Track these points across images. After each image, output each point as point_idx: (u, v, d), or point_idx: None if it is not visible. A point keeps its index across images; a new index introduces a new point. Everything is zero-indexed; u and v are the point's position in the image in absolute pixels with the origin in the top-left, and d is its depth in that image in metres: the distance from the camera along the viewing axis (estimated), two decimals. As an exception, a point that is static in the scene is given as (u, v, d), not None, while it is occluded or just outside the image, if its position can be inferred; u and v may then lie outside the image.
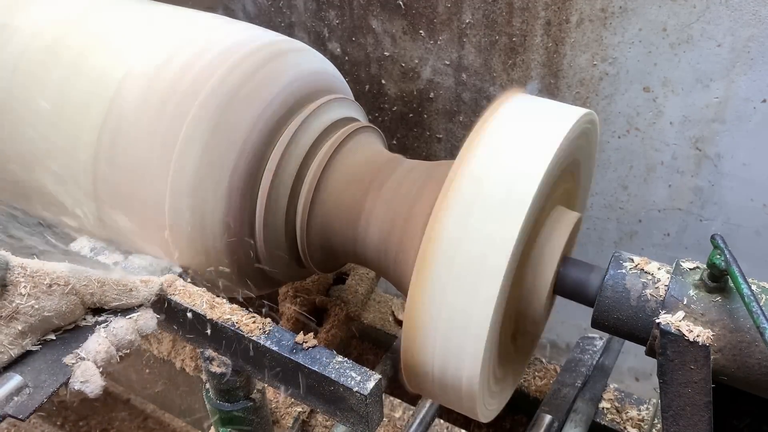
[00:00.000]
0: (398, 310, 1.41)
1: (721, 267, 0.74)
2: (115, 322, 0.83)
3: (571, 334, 2.04)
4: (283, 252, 1.01)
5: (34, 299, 0.76)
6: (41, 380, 0.76)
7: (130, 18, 1.03)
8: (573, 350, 1.27)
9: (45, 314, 0.77)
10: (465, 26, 1.56)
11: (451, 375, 0.82)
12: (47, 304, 0.77)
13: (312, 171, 0.97)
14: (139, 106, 0.91)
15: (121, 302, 0.84)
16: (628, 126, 1.56)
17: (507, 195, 0.78)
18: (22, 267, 0.76)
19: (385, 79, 1.78)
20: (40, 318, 0.77)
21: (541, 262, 0.88)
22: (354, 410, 0.84)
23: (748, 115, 1.41)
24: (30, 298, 0.75)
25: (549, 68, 1.55)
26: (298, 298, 1.30)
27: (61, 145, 0.96)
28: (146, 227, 0.93)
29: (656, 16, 1.37)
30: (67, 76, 0.97)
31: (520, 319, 0.93)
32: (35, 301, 0.76)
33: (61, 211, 1.00)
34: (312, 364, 0.84)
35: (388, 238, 0.93)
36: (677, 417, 0.79)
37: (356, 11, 1.69)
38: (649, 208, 1.68)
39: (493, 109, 0.88)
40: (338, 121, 1.02)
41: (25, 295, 0.75)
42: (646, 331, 0.81)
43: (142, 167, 0.91)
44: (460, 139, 1.75)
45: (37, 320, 0.77)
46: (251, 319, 0.88)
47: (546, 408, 1.14)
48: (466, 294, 0.78)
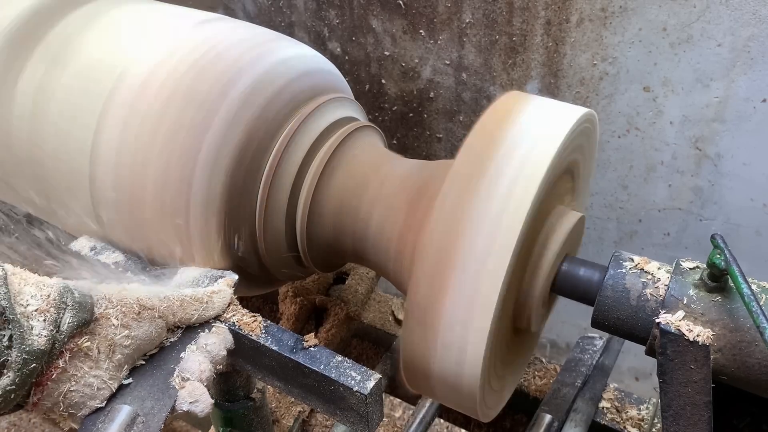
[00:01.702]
0: (398, 310, 1.41)
1: (721, 267, 0.74)
2: (204, 338, 0.82)
3: (571, 334, 2.04)
4: (283, 252, 1.01)
5: (126, 329, 0.74)
6: (148, 407, 0.74)
7: (128, 19, 1.03)
8: (573, 350, 1.27)
9: (138, 342, 0.76)
10: (465, 26, 1.57)
11: (451, 374, 0.82)
12: (139, 333, 0.75)
13: (312, 171, 0.97)
14: (135, 107, 0.91)
15: (200, 317, 0.83)
16: (628, 126, 1.56)
17: (507, 194, 0.78)
18: (108, 299, 0.74)
19: (385, 79, 1.78)
20: (135, 347, 0.75)
21: (541, 261, 0.88)
22: (354, 410, 0.84)
23: (748, 114, 1.42)
24: (123, 329, 0.74)
25: (549, 68, 1.55)
26: (298, 298, 1.30)
27: (59, 150, 0.96)
28: (146, 229, 0.93)
29: (656, 15, 1.37)
30: (63, 81, 0.97)
31: (519, 318, 0.93)
32: (128, 331, 0.74)
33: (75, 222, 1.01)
34: (312, 363, 0.84)
35: (388, 237, 0.93)
36: (677, 416, 0.79)
37: (356, 11, 1.69)
38: (649, 208, 1.68)
39: (493, 109, 0.88)
40: (338, 121, 1.02)
41: (117, 326, 0.73)
42: (646, 330, 0.81)
43: (139, 168, 0.91)
44: (460, 139, 1.75)
45: (131, 350, 0.75)
46: (251, 319, 0.89)
47: (546, 407, 1.15)
48: (467, 294, 0.78)
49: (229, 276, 0.91)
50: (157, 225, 0.92)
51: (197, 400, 0.76)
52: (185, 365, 0.78)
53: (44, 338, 0.66)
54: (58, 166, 0.98)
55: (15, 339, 0.63)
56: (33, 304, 0.66)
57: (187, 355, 0.79)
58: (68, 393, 0.69)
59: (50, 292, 0.68)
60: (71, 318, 0.68)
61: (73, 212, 1.01)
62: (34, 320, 0.66)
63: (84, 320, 0.70)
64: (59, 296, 0.68)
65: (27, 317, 0.65)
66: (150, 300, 0.77)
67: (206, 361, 0.80)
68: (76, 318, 0.69)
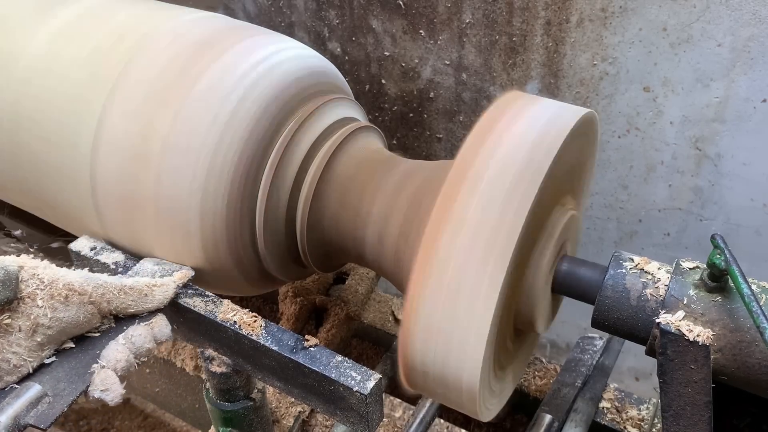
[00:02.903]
0: (398, 310, 1.41)
1: (721, 267, 0.74)
2: (132, 330, 0.82)
3: (571, 334, 2.04)
4: (283, 252, 1.01)
5: (51, 310, 0.74)
6: (60, 389, 0.75)
7: (125, 20, 1.03)
8: (573, 350, 1.27)
9: (63, 325, 0.76)
10: (465, 26, 1.57)
11: (451, 374, 0.82)
12: (65, 315, 0.76)
13: (312, 171, 0.98)
14: (137, 104, 0.91)
15: (138, 308, 0.84)
16: (628, 126, 1.56)
17: (507, 195, 0.78)
18: (39, 278, 0.75)
19: (385, 79, 1.78)
20: (59, 329, 0.76)
21: (541, 261, 0.88)
22: (354, 410, 0.84)
23: (749, 114, 1.42)
24: (47, 310, 0.74)
25: (549, 68, 1.55)
26: (298, 298, 1.30)
27: (58, 156, 0.96)
28: (147, 231, 0.93)
29: (656, 15, 1.37)
30: (60, 87, 0.97)
31: (519, 318, 0.93)
32: (52, 312, 0.74)
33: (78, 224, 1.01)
34: (312, 363, 0.84)
35: (387, 237, 0.93)
36: (677, 417, 0.79)
37: (356, 11, 1.69)
38: (649, 208, 1.68)
39: (493, 109, 0.88)
40: (338, 121, 1.02)
41: (42, 307, 0.74)
42: (646, 330, 0.81)
43: (141, 167, 0.91)
44: (460, 139, 1.76)
45: (55, 331, 0.76)
46: (252, 319, 0.89)
47: (546, 408, 1.15)
48: (467, 293, 0.78)
49: (183, 270, 0.91)
50: (157, 224, 0.92)
51: (108, 389, 0.76)
52: (105, 353, 0.79)
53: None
54: (58, 161, 0.98)
55: None
56: None
57: (110, 345, 0.80)
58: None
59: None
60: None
61: (72, 210, 1.01)
62: None
63: (6, 298, 0.70)
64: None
65: None
66: (82, 285, 0.78)
67: (126, 351, 0.80)
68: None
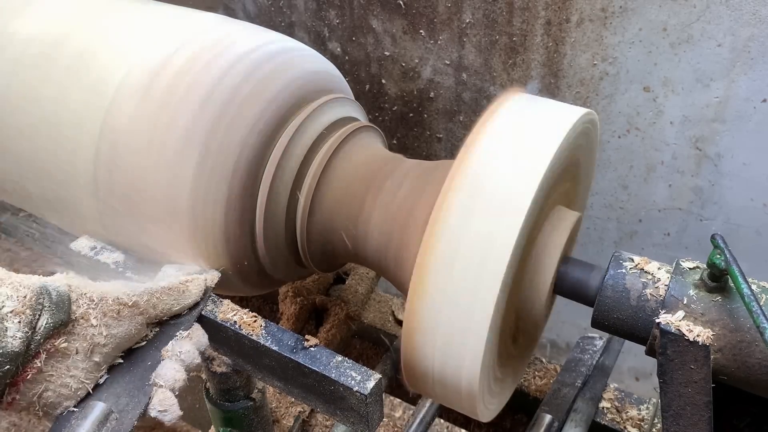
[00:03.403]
0: (398, 310, 1.42)
1: (721, 267, 0.74)
2: (179, 346, 0.81)
3: (571, 334, 2.04)
4: (283, 252, 1.01)
5: (106, 328, 0.73)
6: (123, 404, 0.74)
7: (124, 20, 1.03)
8: (573, 350, 1.27)
9: (117, 341, 0.75)
10: (465, 26, 1.57)
11: (451, 374, 0.82)
12: (118, 331, 0.75)
13: (312, 171, 0.97)
14: (136, 110, 0.91)
15: (179, 306, 0.83)
16: (628, 126, 1.56)
17: (507, 195, 0.78)
18: (88, 297, 0.73)
19: (385, 79, 1.78)
20: (113, 346, 0.75)
21: (541, 262, 0.88)
22: (354, 410, 0.84)
23: (749, 114, 1.42)
24: (102, 328, 0.73)
25: (549, 68, 1.55)
26: (298, 298, 1.30)
27: (58, 159, 0.96)
28: (148, 231, 0.93)
29: (656, 15, 1.37)
30: (60, 87, 0.97)
31: (520, 319, 0.93)
32: (107, 330, 0.73)
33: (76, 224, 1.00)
34: (312, 363, 0.84)
35: (388, 237, 0.93)
36: (677, 417, 0.79)
37: (356, 11, 1.69)
38: (649, 208, 1.68)
39: (493, 109, 0.88)
40: (338, 121, 1.02)
41: (97, 325, 0.72)
42: (646, 330, 0.81)
43: (141, 171, 0.91)
44: (461, 139, 1.75)
45: (110, 349, 0.74)
46: (252, 319, 0.89)
47: (546, 407, 1.15)
48: (466, 294, 0.78)
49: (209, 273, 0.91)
50: (158, 224, 0.92)
51: (166, 410, 0.75)
52: (161, 372, 0.78)
53: (19, 340, 0.65)
54: (60, 161, 0.98)
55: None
56: (8, 306, 0.66)
57: (163, 362, 0.78)
58: (44, 393, 0.69)
59: (27, 293, 0.67)
60: (48, 319, 0.67)
61: (73, 210, 1.01)
62: (9, 322, 0.65)
63: (61, 321, 0.69)
64: (36, 297, 0.67)
65: (2, 319, 0.65)
66: (130, 297, 0.77)
67: (181, 369, 0.79)
68: (53, 319, 0.68)
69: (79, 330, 0.71)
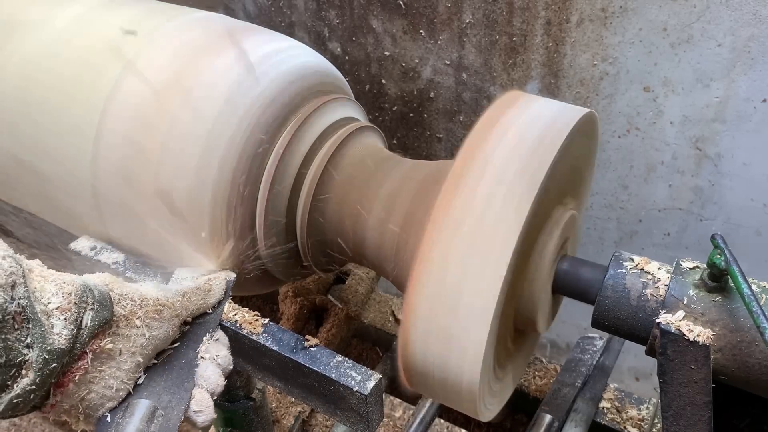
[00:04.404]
0: (398, 310, 1.41)
1: (721, 267, 0.74)
2: (215, 349, 0.80)
3: (571, 334, 2.04)
4: (283, 252, 1.01)
5: (148, 329, 0.73)
6: (165, 401, 0.73)
7: (124, 20, 1.03)
8: (573, 350, 1.27)
9: (156, 343, 0.74)
10: (465, 26, 1.56)
11: (451, 374, 0.82)
12: (158, 333, 0.74)
13: (312, 171, 0.97)
14: (138, 105, 0.91)
15: (207, 305, 0.83)
16: (628, 126, 1.56)
17: (507, 195, 0.78)
18: (129, 297, 0.72)
19: (385, 79, 1.78)
20: (153, 347, 0.74)
21: (541, 261, 0.88)
22: (354, 410, 0.84)
23: (749, 114, 1.41)
24: (144, 329, 0.72)
25: (549, 68, 1.55)
26: (298, 298, 1.30)
27: (60, 160, 0.97)
28: (148, 231, 0.93)
29: (656, 15, 1.37)
30: (59, 88, 0.97)
31: (520, 319, 0.93)
32: (149, 331, 0.73)
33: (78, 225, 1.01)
34: (312, 363, 0.84)
35: (388, 237, 0.93)
36: (677, 417, 0.79)
37: (356, 11, 1.69)
38: (649, 208, 1.68)
39: (493, 109, 0.88)
40: (338, 121, 1.02)
41: (140, 326, 0.72)
42: (646, 330, 0.81)
43: (141, 167, 0.91)
44: (461, 139, 1.75)
45: (149, 350, 0.74)
46: (254, 318, 0.89)
47: (546, 408, 1.15)
48: (467, 293, 0.78)
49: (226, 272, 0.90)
50: (159, 224, 0.92)
51: (202, 410, 0.75)
52: (204, 373, 0.77)
53: (65, 337, 0.64)
54: (60, 161, 0.98)
55: (35, 338, 0.61)
56: (54, 302, 0.64)
57: (205, 364, 0.78)
58: (87, 395, 0.68)
59: (71, 290, 0.66)
60: (92, 317, 0.67)
61: (73, 210, 1.01)
62: (55, 318, 0.64)
63: (105, 319, 0.68)
64: (80, 294, 0.66)
65: (47, 315, 0.63)
66: (168, 299, 0.76)
67: (221, 374, 0.78)
68: (98, 317, 0.67)
69: (122, 331, 0.71)
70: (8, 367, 0.60)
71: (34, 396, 0.63)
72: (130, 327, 0.71)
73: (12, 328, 0.59)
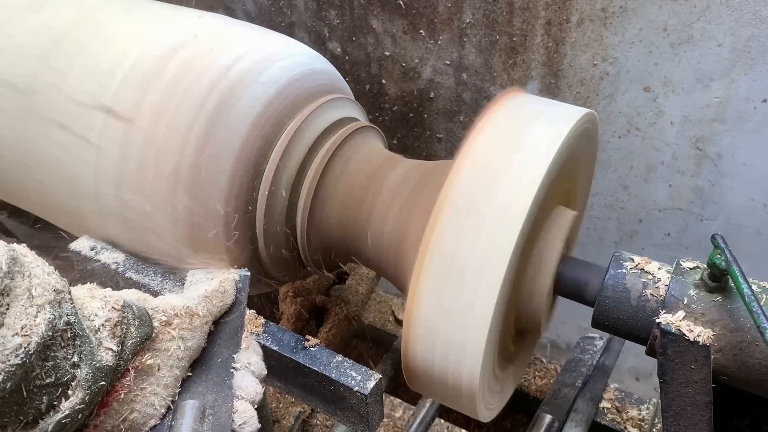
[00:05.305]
0: (398, 310, 1.42)
1: (721, 267, 0.74)
2: (246, 357, 0.79)
3: (571, 334, 2.04)
4: (283, 252, 1.01)
5: (183, 341, 0.72)
6: (210, 400, 0.72)
7: (123, 20, 1.03)
8: (573, 350, 1.27)
9: (190, 353, 0.74)
10: (465, 26, 1.56)
11: (451, 374, 0.82)
12: (192, 343, 0.74)
13: (312, 171, 0.97)
14: (135, 109, 0.91)
15: (225, 306, 0.82)
16: (628, 126, 1.56)
17: (507, 195, 0.78)
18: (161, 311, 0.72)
19: (385, 79, 1.78)
20: (188, 358, 0.74)
21: (541, 261, 0.88)
22: (354, 410, 0.84)
23: (749, 114, 1.41)
24: (180, 341, 0.72)
25: (549, 68, 1.55)
26: (298, 298, 1.30)
27: (61, 158, 0.97)
28: (148, 231, 0.93)
29: (657, 15, 1.37)
30: (59, 91, 0.97)
31: (520, 319, 0.93)
32: (184, 343, 0.72)
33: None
34: (312, 363, 0.84)
35: (388, 237, 0.93)
36: (678, 417, 0.79)
37: (356, 11, 1.69)
38: (649, 208, 1.68)
39: (493, 109, 0.88)
40: (338, 121, 1.02)
41: (176, 338, 0.71)
42: (646, 330, 0.81)
43: (141, 167, 0.91)
44: (461, 139, 1.75)
45: (185, 362, 0.73)
46: (254, 317, 0.89)
47: (546, 408, 1.14)
48: (467, 293, 0.78)
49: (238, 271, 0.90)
50: (158, 225, 0.92)
51: (246, 422, 0.73)
52: (242, 383, 0.76)
53: (111, 354, 0.62)
54: (61, 162, 0.98)
55: (84, 355, 0.60)
56: (100, 318, 0.63)
57: (240, 373, 0.77)
58: (130, 414, 0.66)
59: (117, 306, 0.65)
60: (134, 333, 0.66)
61: (73, 210, 1.01)
62: (101, 335, 0.62)
63: (146, 335, 0.67)
64: (122, 310, 0.65)
65: (94, 332, 0.62)
66: (195, 306, 0.75)
67: (258, 382, 0.77)
68: (139, 333, 0.66)
69: (160, 345, 0.70)
70: (55, 387, 0.58)
71: (82, 416, 0.61)
72: (167, 340, 0.70)
73: (59, 345, 0.58)
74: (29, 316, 0.55)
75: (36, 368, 0.56)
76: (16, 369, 0.54)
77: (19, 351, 0.54)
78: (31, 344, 0.54)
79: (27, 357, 0.54)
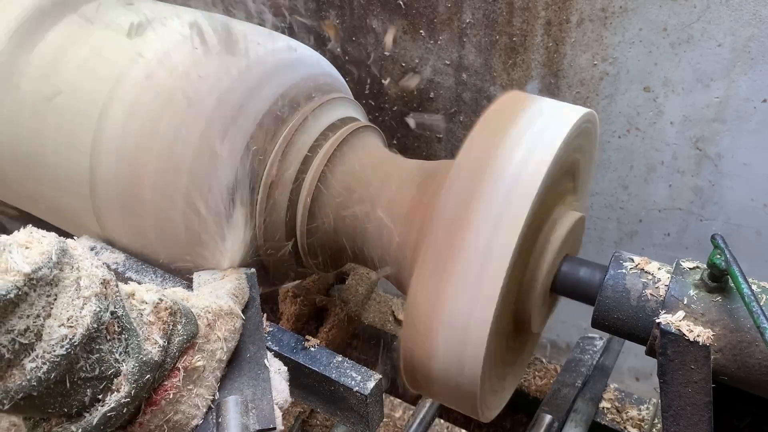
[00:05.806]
0: (398, 310, 1.41)
1: (721, 267, 0.74)
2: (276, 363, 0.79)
3: (571, 334, 2.04)
4: (283, 252, 1.01)
5: (225, 342, 0.72)
6: (249, 394, 0.73)
7: (124, 20, 1.03)
8: (573, 350, 1.27)
9: (228, 354, 0.74)
10: (465, 26, 1.56)
11: (451, 374, 0.82)
12: (232, 344, 0.74)
13: (312, 171, 0.97)
14: (137, 104, 0.91)
15: (244, 302, 0.83)
16: (628, 126, 1.56)
17: (508, 195, 0.78)
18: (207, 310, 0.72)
19: (385, 79, 1.78)
20: (227, 359, 0.74)
21: (541, 261, 0.88)
22: (354, 410, 0.84)
23: (749, 114, 1.41)
24: (222, 342, 0.72)
25: (549, 68, 1.55)
26: (298, 298, 1.30)
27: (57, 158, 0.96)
28: (147, 231, 0.93)
29: (657, 15, 1.37)
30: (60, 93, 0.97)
31: (520, 319, 0.93)
32: (225, 344, 0.73)
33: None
34: (312, 364, 0.84)
35: (388, 238, 0.93)
36: (677, 417, 0.79)
37: (356, 11, 1.69)
38: (649, 208, 1.68)
39: (493, 109, 0.88)
40: (338, 121, 1.02)
41: (219, 339, 0.72)
42: (646, 330, 0.81)
43: (140, 168, 0.91)
44: (461, 139, 1.75)
45: (225, 363, 0.73)
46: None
47: (546, 408, 1.14)
48: (467, 293, 0.78)
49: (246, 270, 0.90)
50: (156, 225, 0.92)
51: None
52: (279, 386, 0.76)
53: (158, 348, 0.62)
54: (58, 161, 0.98)
55: (132, 348, 0.60)
56: (148, 312, 0.63)
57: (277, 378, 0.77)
58: (174, 415, 0.66)
59: (165, 302, 0.65)
60: (181, 330, 0.65)
61: (72, 210, 1.01)
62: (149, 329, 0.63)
63: (192, 333, 0.67)
64: (170, 306, 0.65)
65: (141, 326, 0.62)
66: (230, 306, 0.75)
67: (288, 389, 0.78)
68: (185, 330, 0.66)
69: (207, 346, 0.70)
70: (100, 380, 0.58)
71: (127, 410, 0.61)
72: (213, 341, 0.70)
73: (105, 338, 0.58)
74: (76, 308, 0.55)
75: (80, 360, 0.56)
76: (60, 360, 0.54)
77: (64, 342, 0.54)
78: (76, 336, 0.55)
79: (72, 348, 0.54)
